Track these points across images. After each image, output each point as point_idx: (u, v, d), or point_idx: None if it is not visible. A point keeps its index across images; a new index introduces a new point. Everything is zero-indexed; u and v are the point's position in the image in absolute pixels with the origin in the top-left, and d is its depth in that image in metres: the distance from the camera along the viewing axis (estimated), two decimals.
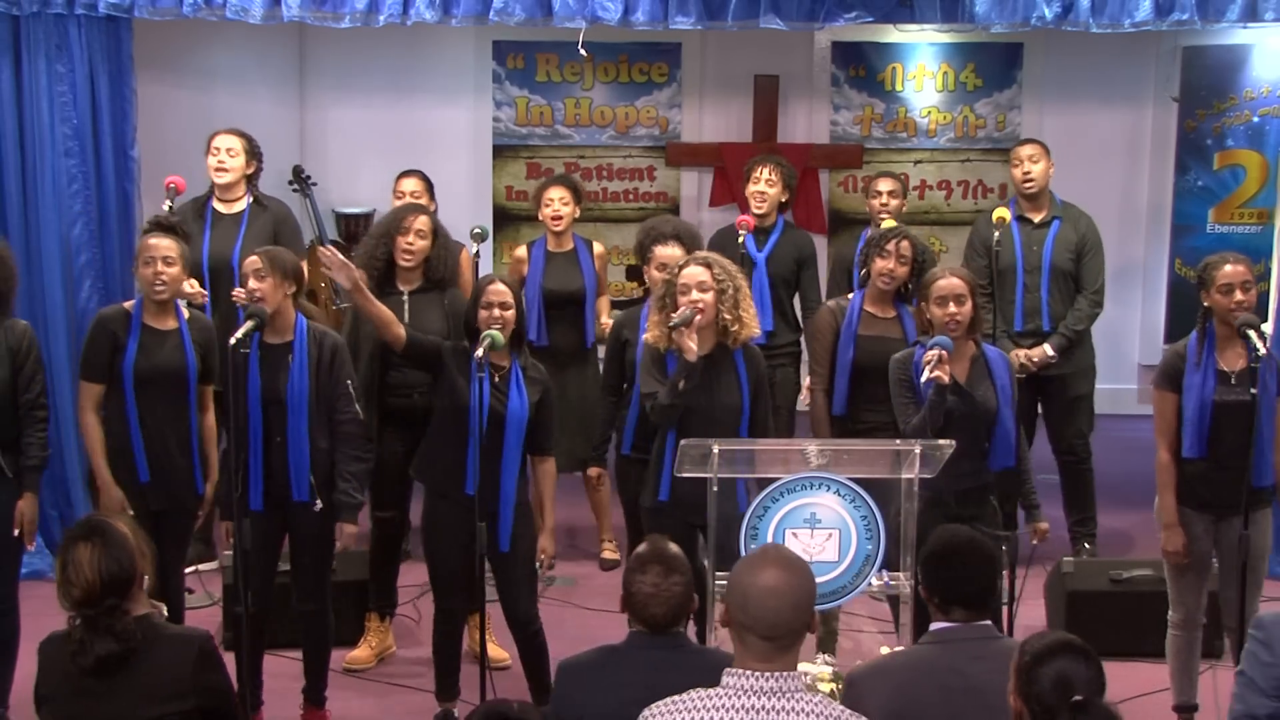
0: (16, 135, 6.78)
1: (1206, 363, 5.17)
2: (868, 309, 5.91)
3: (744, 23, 6.68)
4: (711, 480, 4.83)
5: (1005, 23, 6.60)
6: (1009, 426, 5.24)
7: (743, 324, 5.25)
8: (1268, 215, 9.41)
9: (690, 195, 9.70)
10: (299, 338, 5.23)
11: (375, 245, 5.99)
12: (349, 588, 6.13)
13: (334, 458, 5.26)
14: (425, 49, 9.39)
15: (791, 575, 3.17)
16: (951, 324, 5.16)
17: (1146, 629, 5.72)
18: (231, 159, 6.62)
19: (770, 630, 3.11)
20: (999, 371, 5.28)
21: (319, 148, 9.66)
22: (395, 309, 5.83)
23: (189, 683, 3.60)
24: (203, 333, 5.46)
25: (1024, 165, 7.02)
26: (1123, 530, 7.49)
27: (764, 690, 3.09)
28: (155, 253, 5.27)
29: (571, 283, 6.88)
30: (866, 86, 9.65)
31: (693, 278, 5.21)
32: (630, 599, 3.74)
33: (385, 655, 6.09)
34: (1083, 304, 7.01)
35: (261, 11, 6.63)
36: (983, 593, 3.67)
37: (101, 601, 3.54)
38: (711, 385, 5.25)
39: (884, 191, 7.18)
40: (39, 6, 6.65)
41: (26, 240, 6.81)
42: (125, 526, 3.70)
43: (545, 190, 6.94)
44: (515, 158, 9.70)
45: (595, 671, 3.76)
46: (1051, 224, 7.02)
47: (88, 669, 3.53)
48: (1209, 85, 9.34)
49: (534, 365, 5.42)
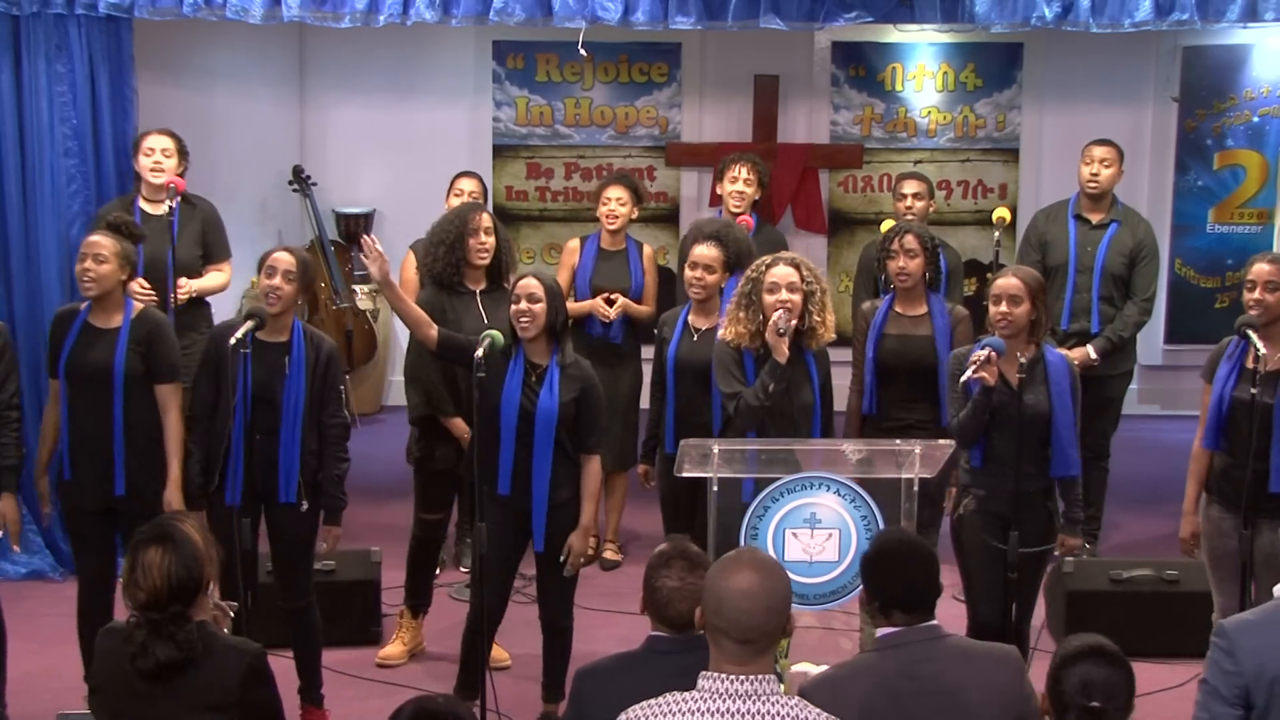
0: (16, 135, 6.78)
1: (1237, 358, 5.17)
2: (896, 308, 5.91)
3: (744, 23, 6.68)
4: (711, 480, 4.83)
5: (1005, 23, 6.60)
6: (1066, 433, 5.12)
7: (826, 327, 5.34)
8: (1268, 215, 9.42)
9: (690, 195, 9.70)
10: (295, 339, 5.22)
11: (448, 250, 5.88)
12: (353, 587, 6.14)
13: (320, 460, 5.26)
14: (425, 49, 9.39)
15: (765, 578, 3.15)
16: (1002, 323, 5.11)
17: (1147, 629, 5.73)
18: (166, 159, 6.55)
19: (744, 633, 3.09)
20: (1057, 377, 5.15)
21: (319, 148, 9.66)
22: (469, 309, 5.88)
23: (234, 695, 3.57)
24: (147, 330, 5.33)
25: (1094, 165, 6.99)
26: (1123, 530, 7.49)
27: (739, 694, 3.08)
28: (87, 249, 5.26)
29: (620, 282, 6.93)
30: (866, 86, 9.65)
31: (784, 278, 5.26)
32: (653, 596, 3.69)
33: (416, 651, 6.12)
34: (1132, 310, 6.98)
35: (261, 11, 6.63)
36: (923, 594, 3.60)
37: (168, 607, 3.53)
38: (790, 386, 5.30)
39: (909, 194, 7.10)
40: (39, 6, 6.64)
41: (26, 240, 6.81)
42: (194, 530, 3.66)
43: (605, 188, 7.00)
44: (515, 158, 9.70)
45: (617, 677, 3.70)
46: (1109, 226, 6.99)
47: (146, 672, 3.52)
48: (1209, 85, 9.34)
49: (576, 363, 5.32)
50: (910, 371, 5.75)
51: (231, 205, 8.23)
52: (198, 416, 5.29)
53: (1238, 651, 3.47)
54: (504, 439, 5.16)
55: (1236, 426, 5.15)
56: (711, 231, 5.96)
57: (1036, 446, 5.10)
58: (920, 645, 3.55)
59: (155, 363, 5.33)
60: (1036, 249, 7.04)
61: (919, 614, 3.58)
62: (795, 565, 4.92)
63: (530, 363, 5.19)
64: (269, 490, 5.20)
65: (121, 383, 5.26)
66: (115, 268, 5.28)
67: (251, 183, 9.16)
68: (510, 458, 5.15)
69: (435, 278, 5.92)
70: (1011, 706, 3.52)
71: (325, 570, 6.03)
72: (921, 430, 5.69)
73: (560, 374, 5.20)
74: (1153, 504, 7.59)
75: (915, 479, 4.90)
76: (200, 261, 6.59)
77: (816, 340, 5.35)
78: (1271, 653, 3.45)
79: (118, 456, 5.27)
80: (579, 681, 3.76)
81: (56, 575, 6.79)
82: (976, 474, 5.15)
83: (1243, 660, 3.45)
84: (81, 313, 5.34)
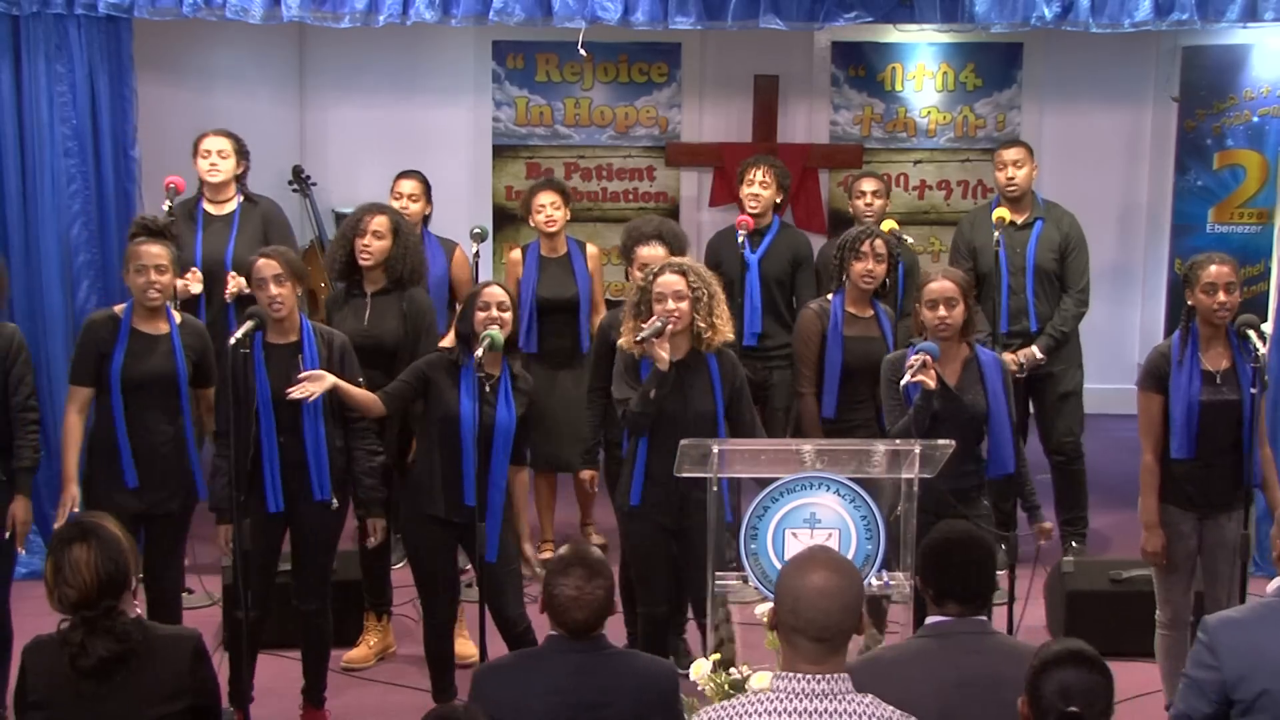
0: (16, 135, 6.78)
1: (1190, 363, 5.16)
2: (849, 309, 5.92)
3: (744, 23, 6.68)
4: (711, 480, 4.83)
5: (1005, 23, 6.60)
6: (1003, 431, 5.20)
7: (716, 330, 5.28)
8: (1268, 215, 9.40)
9: (690, 195, 9.70)
10: (306, 337, 5.23)
11: (335, 247, 6.08)
12: (348, 587, 6.13)
13: (350, 455, 5.27)
14: (425, 49, 9.39)
15: (840, 576, 3.17)
16: (941, 327, 5.16)
17: (1146, 629, 5.71)
18: (223, 160, 6.62)
19: (821, 632, 3.11)
20: (991, 375, 5.24)
21: (319, 148, 9.66)
22: (357, 310, 5.94)
23: (187, 681, 3.60)
24: (194, 337, 5.42)
25: (1008, 169, 7.01)
26: (1123, 530, 7.47)
27: (815, 693, 3.09)
28: (147, 260, 5.25)
29: (565, 290, 6.86)
30: (866, 86, 9.65)
31: (669, 286, 5.22)
32: (551, 603, 3.72)
33: (385, 654, 6.10)
34: (1069, 303, 7.00)
35: (261, 11, 6.63)
36: (978, 587, 3.67)
37: (99, 603, 3.54)
38: (685, 392, 5.27)
39: (868, 191, 7.18)
40: (39, 6, 6.64)
41: (26, 240, 6.81)
42: (112, 524, 3.68)
43: (534, 196, 6.90)
44: (515, 158, 9.69)
45: (514, 674, 3.74)
46: (1034, 225, 7.00)
47: (88, 671, 3.52)
48: (1209, 85, 9.33)
49: (524, 376, 5.40)
50: (868, 373, 5.73)
51: None
52: (220, 430, 5.26)
53: (1219, 649, 3.50)
54: (465, 449, 5.16)
55: (1206, 431, 5.15)
56: (652, 231, 5.98)
57: (973, 445, 5.16)
58: (968, 637, 3.61)
59: (206, 367, 5.40)
60: (966, 256, 7.06)
61: (972, 606, 3.65)
62: None
63: (484, 372, 5.14)
64: (300, 491, 5.20)
65: (186, 387, 5.34)
66: (173, 275, 5.35)
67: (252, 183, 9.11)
68: (473, 468, 5.14)
69: (333, 275, 6.05)
70: None
71: None
72: (867, 430, 5.70)
73: (512, 384, 5.25)
74: None
75: (915, 479, 4.89)
76: None
77: (707, 344, 5.28)
78: (1253, 653, 3.47)
79: (194, 461, 5.36)
80: (477, 678, 3.81)
81: None
82: None
83: (1224, 658, 3.48)
84: (124, 320, 5.32)
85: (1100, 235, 7.22)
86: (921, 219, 9.62)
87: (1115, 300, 9.61)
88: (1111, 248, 9.54)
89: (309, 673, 5.44)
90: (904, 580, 4.85)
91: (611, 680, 3.52)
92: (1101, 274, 8.36)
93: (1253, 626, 3.54)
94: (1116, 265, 9.66)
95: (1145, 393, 5.27)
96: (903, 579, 4.85)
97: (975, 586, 3.67)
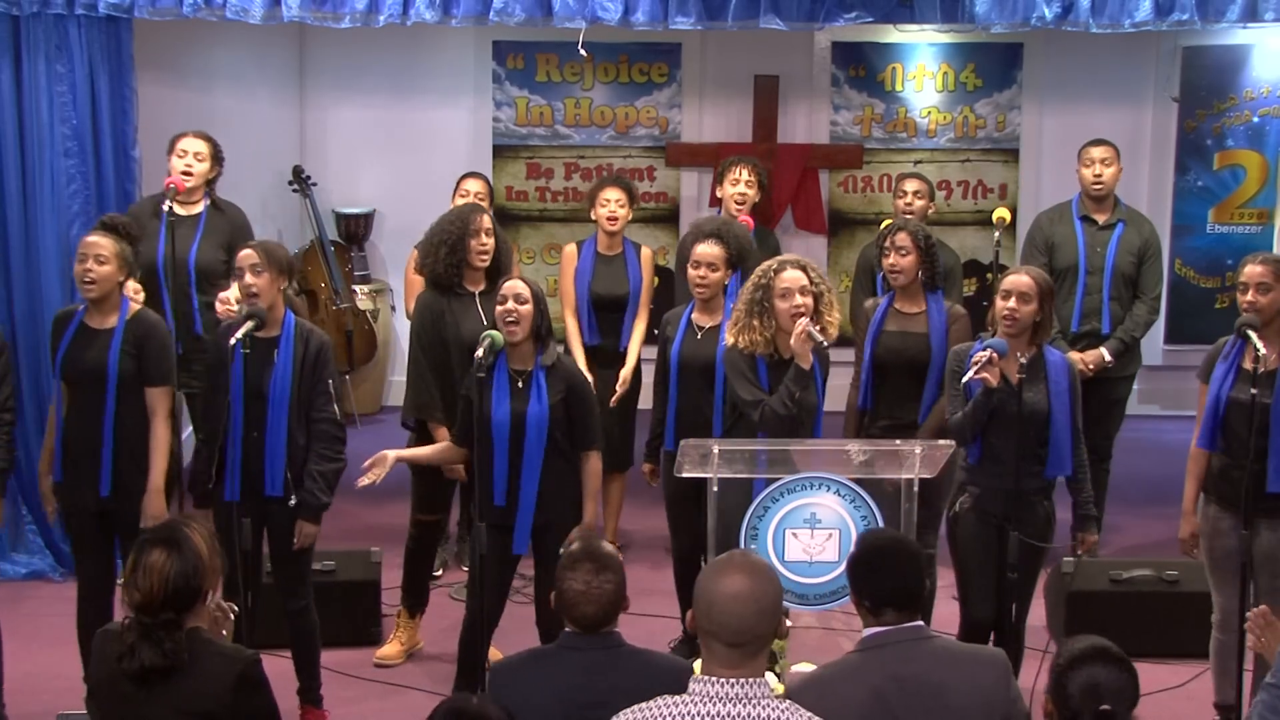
0: (16, 135, 6.77)
1: (1233, 358, 5.17)
2: (895, 306, 5.89)
3: (744, 23, 6.68)
4: (711, 480, 4.83)
5: (1005, 23, 6.59)
6: (1063, 434, 5.13)
7: (834, 327, 5.37)
8: (1268, 215, 9.42)
9: (690, 195, 9.70)
10: (285, 333, 5.21)
11: (449, 251, 5.87)
12: (353, 587, 6.13)
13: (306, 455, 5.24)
14: (425, 49, 9.39)
15: (756, 581, 3.14)
16: (1008, 319, 5.11)
17: (1147, 629, 5.72)
18: (199, 163, 6.58)
19: (735, 637, 3.09)
20: (1056, 376, 5.16)
21: (319, 148, 9.66)
22: (468, 311, 5.88)
23: (226, 703, 3.54)
24: (141, 333, 5.31)
25: (1095, 167, 6.97)
26: (1123, 530, 7.49)
27: (730, 697, 3.07)
28: (88, 250, 5.24)
29: (618, 288, 6.90)
30: (866, 86, 9.65)
31: (795, 282, 5.27)
32: (560, 598, 3.70)
33: (414, 651, 6.11)
34: (1141, 310, 6.97)
35: (261, 11, 6.62)
36: (911, 592, 3.59)
37: (160, 612, 3.51)
38: None
39: (910, 191, 7.09)
40: (39, 6, 6.64)
41: (26, 240, 6.80)
42: (202, 539, 3.63)
43: (601, 190, 6.95)
44: (515, 158, 9.69)
45: (526, 672, 3.72)
46: (1116, 226, 6.97)
47: (130, 675, 3.51)
48: (1209, 85, 9.34)
49: (559, 362, 5.30)
50: (906, 369, 5.75)
51: None
52: (206, 418, 5.29)
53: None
54: (497, 450, 5.14)
55: (1232, 427, 5.15)
56: (712, 230, 5.96)
57: (1034, 445, 5.10)
58: (905, 645, 3.53)
59: (147, 365, 5.29)
60: (1043, 251, 7.00)
61: (909, 612, 3.58)
62: (795, 565, 4.92)
63: (513, 370, 5.15)
64: (260, 485, 5.20)
65: (114, 384, 5.24)
66: (115, 269, 5.27)
67: (251, 183, 9.14)
68: (505, 468, 5.14)
69: (435, 279, 5.91)
70: (997, 708, 3.51)
71: (325, 570, 6.04)
72: (910, 430, 5.69)
73: (545, 376, 5.19)
74: (1153, 504, 7.59)
75: (915, 479, 4.89)
76: (224, 266, 6.51)
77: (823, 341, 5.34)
78: None
79: (105, 458, 5.25)
80: (492, 676, 3.79)
81: (56, 575, 6.78)
82: (973, 471, 5.16)
83: None
84: (79, 313, 5.34)
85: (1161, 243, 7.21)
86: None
87: None
88: None
89: (301, 672, 5.42)
90: None
91: (623, 678, 3.50)
92: None
93: None
94: None
95: (1200, 383, 5.30)
96: None
97: (908, 592, 3.57)
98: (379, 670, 5.97)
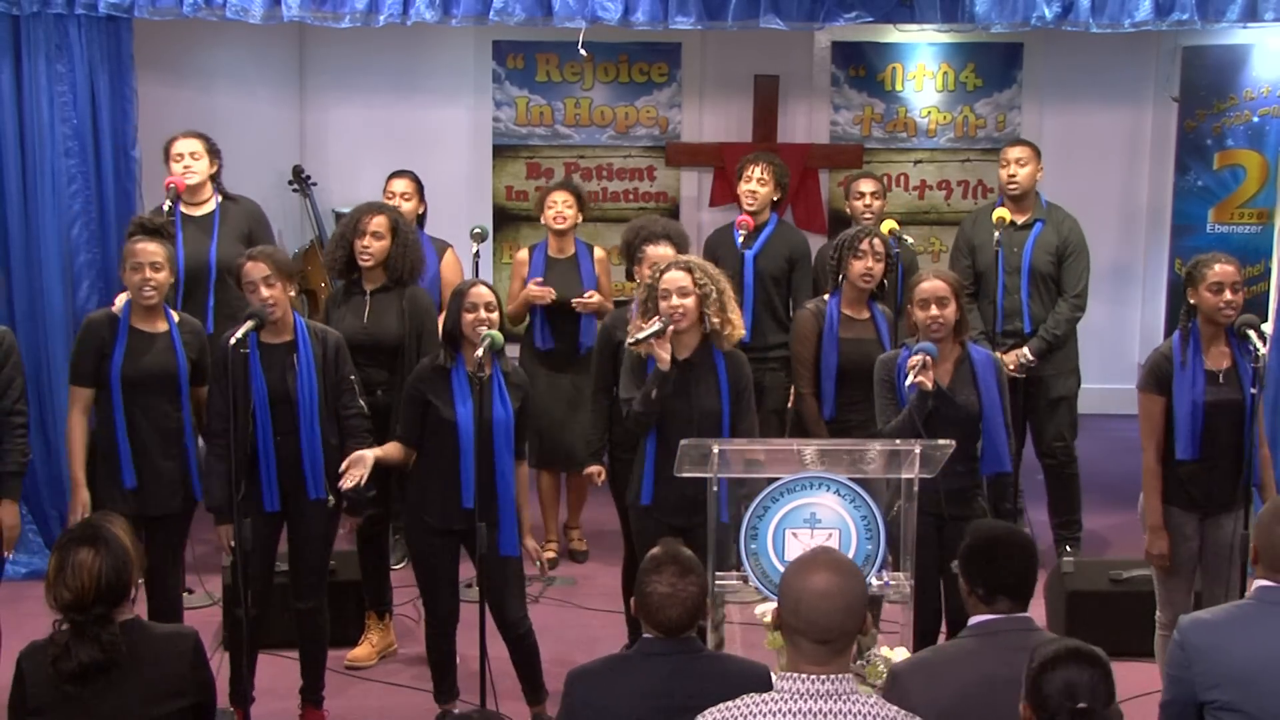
0: (16, 135, 6.78)
1: (1193, 363, 5.16)
2: (845, 311, 5.91)
3: (744, 23, 6.68)
4: (711, 480, 4.83)
5: (1005, 23, 6.60)
6: (997, 430, 5.20)
7: (732, 325, 5.26)
8: (1268, 215, 9.41)
9: (690, 195, 9.70)
10: (300, 336, 5.23)
11: (334, 246, 6.08)
12: (349, 587, 6.13)
13: (342, 453, 5.24)
14: (425, 49, 9.39)
15: (843, 578, 3.17)
16: (934, 326, 5.15)
17: (1146, 629, 5.71)
18: (196, 161, 6.57)
19: (823, 634, 3.11)
20: (984, 374, 5.23)
21: (319, 148, 9.66)
22: (357, 308, 5.96)
23: (189, 679, 3.61)
24: (193, 334, 5.42)
25: (1010, 167, 6.98)
26: (1122, 530, 7.48)
27: (818, 693, 3.10)
28: (144, 258, 5.24)
29: (571, 290, 6.85)
30: (866, 86, 9.65)
31: (674, 283, 5.19)
32: (644, 602, 3.66)
33: (387, 653, 6.10)
34: (1063, 308, 6.97)
35: (261, 11, 6.63)
36: (1024, 583, 3.69)
37: (91, 609, 3.53)
38: (690, 390, 5.25)
39: (866, 192, 7.16)
40: (39, 6, 6.64)
41: (26, 240, 6.81)
42: (123, 533, 3.66)
43: (549, 194, 6.94)
44: (515, 158, 9.69)
45: (607, 679, 3.69)
46: (1033, 226, 6.97)
47: (68, 675, 3.51)
48: (1209, 85, 9.33)
49: (516, 370, 5.39)
50: (864, 375, 5.72)
51: None
52: (214, 430, 5.24)
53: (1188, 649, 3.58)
54: (463, 452, 5.15)
55: (1210, 431, 5.15)
56: (661, 231, 5.94)
57: (968, 444, 5.14)
58: (1016, 634, 3.60)
59: (202, 365, 5.38)
60: (966, 254, 7.06)
61: (1021, 601, 3.67)
62: None
63: (472, 374, 5.13)
64: (296, 490, 5.20)
65: (187, 386, 5.32)
66: (169, 273, 5.32)
67: (251, 183, 9.10)
68: (471, 471, 5.14)
69: (332, 274, 6.10)
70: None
71: None
72: (864, 430, 5.69)
73: (505, 380, 5.21)
74: None
75: (915, 479, 4.89)
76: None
77: (723, 341, 5.27)
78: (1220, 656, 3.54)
79: (191, 459, 5.34)
80: (570, 683, 3.73)
81: None
82: None
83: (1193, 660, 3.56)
84: (122, 319, 5.32)
85: (1100, 235, 7.21)
86: (921, 219, 9.62)
87: (1115, 300, 9.61)
88: (1111, 248, 9.53)
89: (307, 672, 5.43)
90: (904, 580, 4.85)
91: (704, 683, 3.47)
92: (1101, 274, 8.36)
93: (1223, 629, 3.59)
94: (1116, 265, 9.67)
95: (1147, 394, 5.26)
96: (902, 579, 4.86)
97: (1024, 582, 3.68)
98: (379, 670, 5.97)
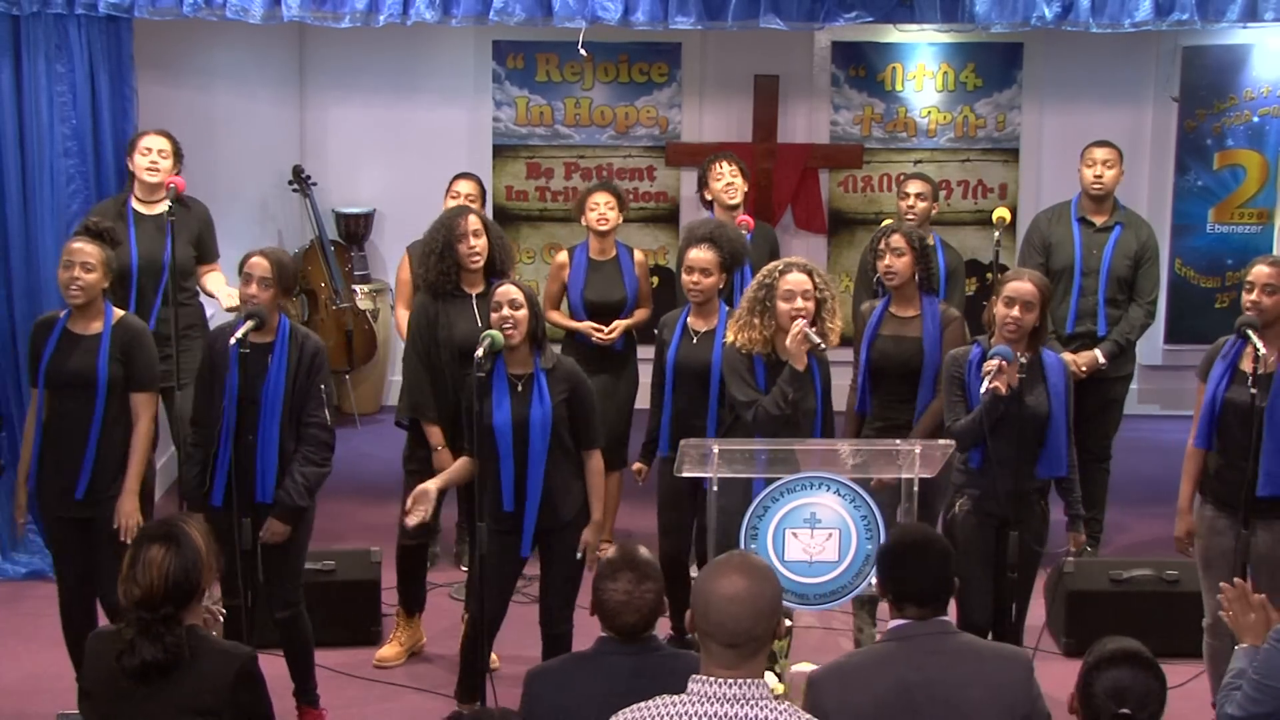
0: (16, 135, 6.77)
1: (1231, 358, 5.17)
2: (891, 310, 5.88)
3: (744, 23, 6.67)
4: (711, 480, 4.83)
5: (1005, 23, 6.59)
6: (1060, 434, 5.16)
7: (835, 332, 5.35)
8: (1268, 215, 9.42)
9: (690, 195, 9.65)
10: (280, 339, 5.21)
11: (439, 258, 5.82)
12: (353, 587, 6.12)
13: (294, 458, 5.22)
14: (425, 49, 9.39)
15: (753, 582, 3.13)
16: (1011, 327, 5.10)
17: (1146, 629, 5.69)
18: (163, 160, 6.54)
19: (731, 638, 3.08)
20: (1054, 378, 5.18)
21: (319, 148, 9.66)
22: (466, 313, 5.82)
23: (225, 699, 3.57)
24: (128, 339, 5.30)
25: (1096, 167, 6.95)
26: (1123, 530, 7.49)
27: (728, 698, 3.07)
28: (75, 257, 5.22)
29: (613, 293, 6.87)
30: (866, 86, 9.65)
31: (799, 285, 5.25)
32: (601, 606, 3.69)
33: (416, 650, 6.10)
34: (1137, 312, 6.96)
35: (261, 11, 6.62)
36: (935, 589, 3.62)
37: (160, 607, 3.53)
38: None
39: (912, 194, 7.06)
40: (39, 6, 6.64)
41: (26, 240, 6.80)
42: (200, 535, 3.65)
43: (590, 195, 6.93)
44: (515, 158, 9.69)
45: (565, 677, 3.71)
46: (1113, 229, 6.96)
47: (130, 672, 3.52)
48: (1209, 85, 9.34)
49: (560, 363, 5.29)
50: (900, 372, 5.74)
51: (232, 205, 8.26)
52: (201, 422, 5.26)
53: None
54: (502, 455, 5.12)
55: (1227, 427, 5.15)
56: (704, 234, 5.92)
57: (1033, 447, 5.12)
58: (930, 639, 3.57)
59: (135, 370, 5.28)
60: (1040, 251, 7.00)
61: (931, 609, 3.60)
62: (795, 565, 4.92)
63: (512, 375, 5.14)
64: (252, 491, 5.18)
65: (105, 390, 5.22)
66: (101, 275, 5.26)
67: (251, 183, 9.16)
68: (510, 474, 5.12)
69: (430, 287, 5.85)
70: (1019, 706, 3.53)
71: (325, 570, 6.04)
72: (905, 431, 5.69)
73: (546, 378, 5.17)
74: (1153, 504, 7.58)
75: (915, 479, 4.90)
76: (194, 262, 6.59)
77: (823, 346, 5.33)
78: None
79: (87, 463, 5.23)
80: (529, 682, 3.76)
81: None
82: (973, 475, 5.15)
83: None
84: (60, 320, 5.32)
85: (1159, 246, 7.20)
86: None
87: None
88: None
89: (296, 676, 5.40)
90: None
91: (669, 682, 3.50)
92: None
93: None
94: None
95: (1199, 381, 5.31)
96: None
97: (932, 589, 3.61)
98: (379, 671, 5.97)
